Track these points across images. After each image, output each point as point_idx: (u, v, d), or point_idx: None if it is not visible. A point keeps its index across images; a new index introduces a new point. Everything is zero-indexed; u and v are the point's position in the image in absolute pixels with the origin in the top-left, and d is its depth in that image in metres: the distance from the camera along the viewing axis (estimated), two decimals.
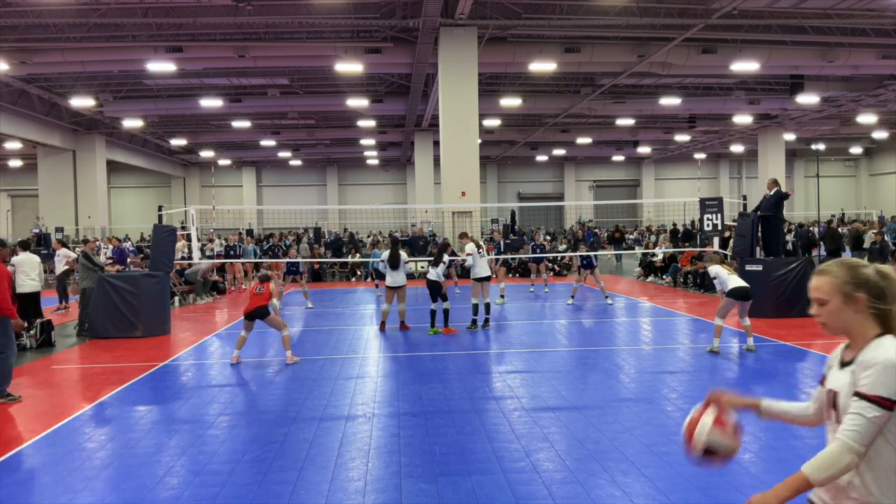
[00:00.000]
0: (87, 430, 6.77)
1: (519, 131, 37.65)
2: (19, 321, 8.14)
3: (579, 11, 19.17)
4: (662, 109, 30.65)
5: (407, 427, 6.56)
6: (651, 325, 13.01)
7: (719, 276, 9.77)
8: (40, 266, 13.56)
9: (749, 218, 13.89)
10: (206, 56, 21.77)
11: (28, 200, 43.67)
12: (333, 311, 15.80)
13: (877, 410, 2.05)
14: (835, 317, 2.27)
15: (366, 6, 19.23)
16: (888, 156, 46.47)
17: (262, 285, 9.87)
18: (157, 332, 12.30)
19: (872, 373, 2.08)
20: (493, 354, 10.36)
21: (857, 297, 2.21)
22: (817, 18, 19.35)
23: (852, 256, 20.75)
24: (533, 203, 44.13)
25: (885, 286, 2.20)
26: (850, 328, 2.25)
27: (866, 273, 2.23)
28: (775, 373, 8.65)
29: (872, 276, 2.22)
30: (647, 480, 5.09)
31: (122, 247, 20.95)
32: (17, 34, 19.87)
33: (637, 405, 7.22)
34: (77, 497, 5.01)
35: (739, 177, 51.08)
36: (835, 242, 19.37)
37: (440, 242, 13.08)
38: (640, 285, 20.55)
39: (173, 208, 29.47)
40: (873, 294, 2.20)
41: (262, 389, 8.29)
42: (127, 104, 29.07)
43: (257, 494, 4.99)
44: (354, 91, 28.26)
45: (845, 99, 29.16)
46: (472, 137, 21.17)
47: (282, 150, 42.46)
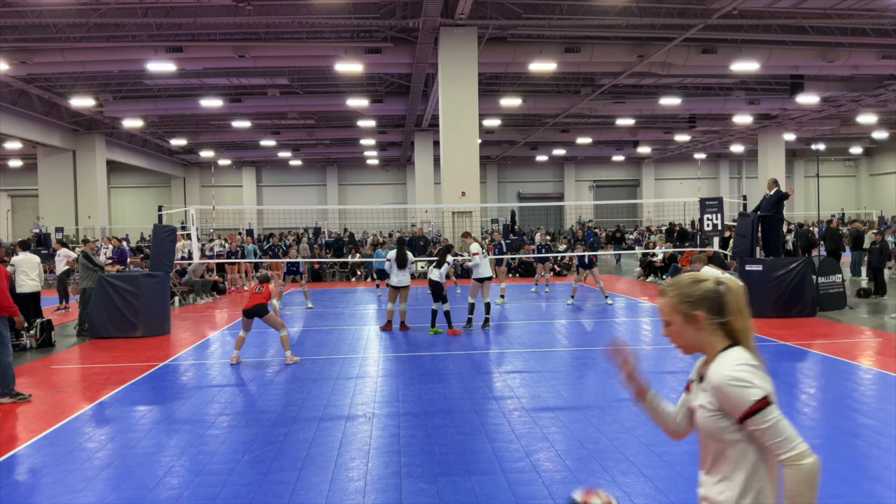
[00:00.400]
0: (87, 430, 6.77)
1: (519, 131, 37.64)
2: (21, 318, 8.15)
3: (579, 11, 19.17)
4: (662, 109, 30.65)
5: (407, 427, 6.56)
6: (651, 325, 13.00)
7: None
8: (40, 266, 13.57)
9: (749, 218, 13.89)
10: (206, 56, 21.76)
11: (28, 200, 43.67)
12: (333, 311, 15.80)
13: (768, 411, 2.03)
14: (680, 336, 2.25)
15: (366, 6, 19.23)
16: (888, 156, 46.47)
17: (262, 285, 9.90)
18: (157, 332, 12.30)
19: (732, 390, 2.06)
20: (493, 354, 10.36)
21: (695, 316, 2.18)
22: (817, 18, 19.35)
23: (852, 256, 20.77)
24: (533, 203, 44.15)
25: (724, 299, 2.17)
26: (698, 345, 2.23)
27: (701, 289, 2.19)
28: (775, 373, 8.62)
29: (709, 292, 2.18)
30: (647, 480, 5.09)
31: (122, 247, 20.93)
32: (17, 34, 19.86)
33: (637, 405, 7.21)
34: (77, 497, 5.01)
35: (739, 177, 51.08)
36: (835, 242, 19.36)
37: (444, 244, 13.11)
38: (640, 285, 20.55)
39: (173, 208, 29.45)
40: (711, 309, 2.17)
41: (261, 389, 8.29)
42: (127, 104, 29.07)
43: (257, 494, 4.99)
44: (354, 91, 28.26)
45: (845, 99, 29.16)
46: (472, 137, 21.17)
47: (282, 150, 42.46)
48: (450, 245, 13.08)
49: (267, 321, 9.69)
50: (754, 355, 2.15)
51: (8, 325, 8.01)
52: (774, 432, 2.03)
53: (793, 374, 8.73)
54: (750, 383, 2.05)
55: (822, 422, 6.59)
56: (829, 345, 10.25)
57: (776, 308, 12.80)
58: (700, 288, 2.19)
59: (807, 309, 12.94)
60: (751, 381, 2.06)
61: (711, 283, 2.20)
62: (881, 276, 16.23)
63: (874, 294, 15.93)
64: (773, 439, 2.03)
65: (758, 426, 2.04)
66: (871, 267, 16.79)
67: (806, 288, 12.99)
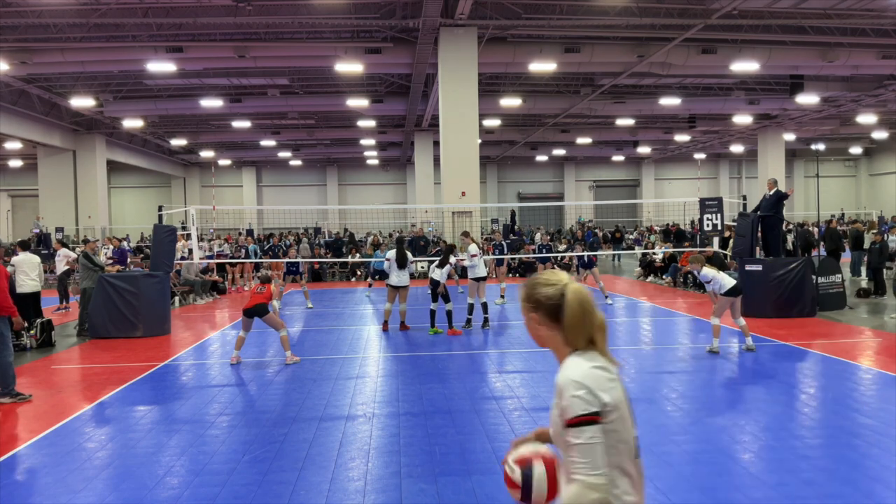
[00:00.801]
0: (87, 430, 6.77)
1: (519, 131, 37.64)
2: (20, 319, 8.16)
3: (579, 11, 19.17)
4: (662, 109, 30.65)
5: (407, 427, 6.56)
6: (651, 325, 13.01)
7: (715, 278, 9.66)
8: (40, 266, 13.57)
9: (749, 218, 13.89)
10: (206, 56, 21.76)
11: (28, 200, 43.66)
12: (333, 311, 15.80)
13: (587, 430, 1.97)
14: (531, 331, 2.22)
15: (366, 6, 19.23)
16: (888, 156, 46.46)
17: (264, 286, 9.93)
18: (157, 332, 12.31)
19: (565, 398, 2.01)
20: (493, 354, 10.36)
21: (533, 318, 2.17)
22: (817, 18, 19.35)
23: (852, 256, 20.78)
24: (533, 203, 44.15)
25: (562, 307, 2.11)
26: (551, 345, 2.19)
27: (541, 294, 2.14)
28: (775, 373, 8.65)
29: (546, 298, 2.13)
30: (647, 480, 5.08)
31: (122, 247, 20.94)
32: (17, 34, 19.86)
33: (637, 405, 7.18)
34: (77, 497, 5.01)
35: (739, 177, 51.07)
36: (835, 242, 19.37)
37: (447, 245, 13.13)
38: (640, 285, 20.55)
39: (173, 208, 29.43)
40: (549, 315, 2.13)
41: (262, 389, 8.29)
42: (127, 104, 29.07)
43: (257, 494, 4.99)
44: (354, 91, 28.26)
45: (845, 99, 29.15)
46: (472, 137, 21.17)
47: (282, 150, 42.46)
48: (452, 245, 13.09)
49: (267, 321, 9.69)
50: (608, 363, 2.09)
51: (8, 325, 8.01)
52: (583, 452, 1.97)
53: (793, 374, 8.74)
54: (583, 395, 1.99)
55: (822, 422, 6.59)
56: (829, 345, 10.26)
57: (776, 308, 12.81)
58: (540, 292, 2.15)
59: (807, 309, 12.94)
60: (586, 392, 2.00)
61: (554, 289, 2.14)
62: (881, 276, 16.24)
63: (874, 294, 15.93)
64: (579, 458, 1.97)
65: (572, 438, 1.98)
66: (870, 267, 16.79)
67: (806, 288, 13.00)
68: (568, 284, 2.14)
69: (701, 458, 5.54)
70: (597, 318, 2.14)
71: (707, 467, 5.35)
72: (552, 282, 2.17)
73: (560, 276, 2.19)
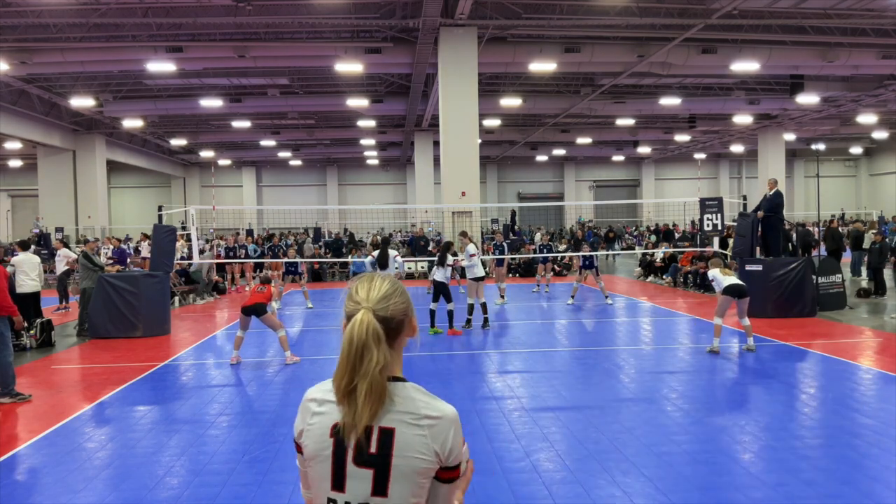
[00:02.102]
0: (87, 430, 6.77)
1: (519, 131, 37.64)
2: (20, 319, 8.16)
3: (579, 11, 19.16)
4: (662, 109, 30.64)
5: None
6: (651, 325, 13.01)
7: (715, 278, 9.91)
8: (40, 266, 13.56)
9: (749, 218, 13.89)
10: (206, 56, 21.75)
11: (28, 200, 43.66)
12: (333, 311, 15.79)
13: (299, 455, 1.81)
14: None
15: (366, 6, 19.23)
16: (888, 156, 46.46)
17: (264, 286, 9.94)
18: (157, 332, 12.31)
19: None
20: (494, 354, 10.36)
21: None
22: (817, 18, 19.35)
23: (852, 256, 20.78)
24: (533, 203, 44.14)
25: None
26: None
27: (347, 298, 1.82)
28: (775, 373, 8.65)
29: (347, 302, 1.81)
30: (647, 480, 5.09)
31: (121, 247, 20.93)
32: (17, 34, 19.86)
33: (637, 405, 7.22)
34: (77, 497, 5.01)
35: (739, 177, 51.07)
36: (835, 243, 19.37)
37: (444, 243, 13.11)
38: (640, 285, 20.55)
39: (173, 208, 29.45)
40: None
41: (262, 389, 8.29)
42: (127, 104, 29.06)
43: (257, 494, 4.99)
44: (354, 91, 28.25)
45: (845, 99, 29.15)
46: (472, 137, 21.17)
47: (282, 150, 42.45)
48: (449, 243, 13.07)
49: (264, 321, 9.69)
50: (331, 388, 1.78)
51: (8, 325, 8.01)
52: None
53: (793, 374, 8.73)
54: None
55: (822, 422, 6.59)
56: (829, 345, 10.25)
57: (776, 308, 12.81)
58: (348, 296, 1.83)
59: (807, 309, 12.94)
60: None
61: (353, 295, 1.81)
62: (881, 276, 16.23)
63: (874, 294, 15.93)
64: None
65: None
66: (870, 267, 16.79)
67: (806, 288, 12.99)
68: (357, 317, 1.76)
69: (701, 458, 5.54)
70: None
71: (707, 467, 5.35)
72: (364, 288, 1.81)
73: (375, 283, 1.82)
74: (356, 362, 1.71)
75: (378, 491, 1.66)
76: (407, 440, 1.67)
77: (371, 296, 1.77)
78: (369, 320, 1.73)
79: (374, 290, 1.78)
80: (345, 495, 1.69)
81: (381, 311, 1.75)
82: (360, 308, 1.75)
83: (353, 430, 1.66)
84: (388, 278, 1.83)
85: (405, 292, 1.84)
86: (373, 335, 1.71)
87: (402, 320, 1.80)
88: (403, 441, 1.67)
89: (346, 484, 1.68)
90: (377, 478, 1.66)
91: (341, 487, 1.69)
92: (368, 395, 1.67)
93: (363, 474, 1.67)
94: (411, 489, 1.67)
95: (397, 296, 1.79)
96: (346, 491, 1.68)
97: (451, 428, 1.73)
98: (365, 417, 1.66)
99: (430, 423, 1.71)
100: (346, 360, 1.72)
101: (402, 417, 1.69)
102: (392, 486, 1.66)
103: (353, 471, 1.67)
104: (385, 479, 1.66)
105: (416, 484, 1.68)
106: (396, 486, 1.66)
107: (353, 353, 1.71)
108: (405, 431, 1.68)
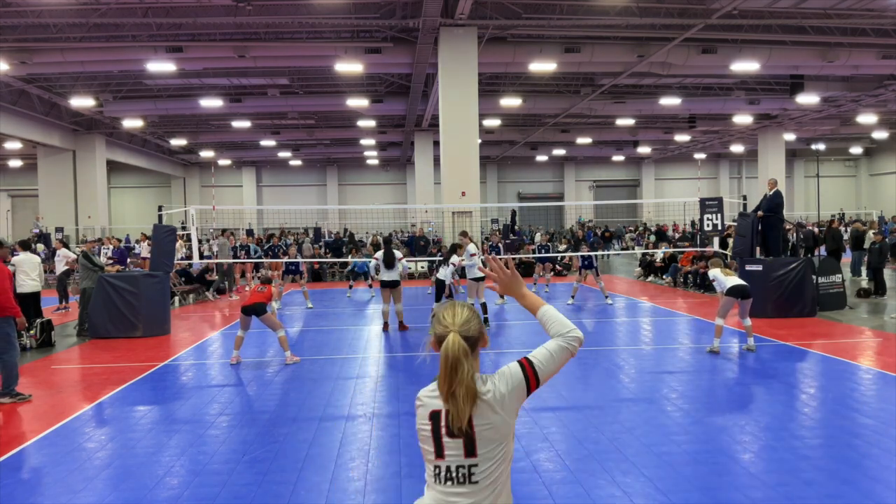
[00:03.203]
0: (87, 430, 6.77)
1: (519, 131, 37.65)
2: (23, 319, 8.17)
3: (579, 11, 19.17)
4: (662, 109, 30.65)
5: (407, 427, 6.56)
6: (651, 325, 13.01)
7: (717, 278, 9.90)
8: (40, 266, 13.56)
9: (749, 218, 13.88)
10: (206, 56, 21.76)
11: (28, 200, 43.67)
12: (333, 311, 15.79)
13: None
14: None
15: (366, 6, 19.23)
16: (888, 156, 46.47)
17: (264, 286, 9.94)
18: (157, 332, 12.30)
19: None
20: (493, 354, 10.35)
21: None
22: (817, 18, 19.35)
23: (852, 256, 20.78)
24: (533, 203, 44.15)
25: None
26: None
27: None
28: (775, 373, 8.65)
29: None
30: (647, 480, 5.09)
31: (121, 247, 20.95)
32: (17, 34, 19.86)
33: (637, 405, 7.22)
34: (77, 497, 5.01)
35: (739, 177, 51.08)
36: (836, 243, 19.38)
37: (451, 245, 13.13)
38: (640, 285, 20.55)
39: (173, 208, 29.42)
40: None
41: (261, 389, 8.29)
42: (127, 104, 29.07)
43: (257, 494, 4.99)
44: (354, 91, 28.26)
45: (845, 99, 29.16)
46: (472, 137, 21.17)
47: (282, 150, 42.46)
48: (456, 245, 13.07)
49: (264, 321, 9.69)
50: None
51: (13, 325, 8.02)
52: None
53: (793, 374, 8.73)
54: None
55: (822, 422, 6.59)
56: (829, 345, 10.26)
57: (776, 308, 12.81)
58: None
59: (807, 309, 12.94)
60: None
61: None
62: (881, 276, 16.23)
63: (874, 294, 15.93)
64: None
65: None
66: (871, 267, 16.79)
67: (806, 288, 12.99)
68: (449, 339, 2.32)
69: (701, 458, 5.54)
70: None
71: (707, 467, 5.35)
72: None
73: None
74: (453, 373, 2.25)
75: (469, 454, 2.26)
76: (482, 412, 2.28)
77: (456, 321, 2.34)
78: (458, 340, 2.29)
79: (458, 316, 2.35)
80: (445, 461, 2.28)
81: (465, 332, 2.32)
82: (449, 331, 2.31)
83: (459, 421, 2.23)
84: (466, 306, 2.42)
85: (477, 314, 2.43)
86: (462, 351, 2.28)
87: (478, 337, 2.37)
88: (481, 415, 2.27)
89: (444, 452, 2.28)
90: (467, 445, 2.26)
91: (441, 455, 2.28)
92: (465, 397, 2.24)
93: (456, 444, 2.26)
94: (493, 447, 2.30)
95: (474, 319, 2.38)
96: (445, 458, 2.28)
97: (498, 376, 2.38)
98: (465, 412, 2.23)
99: (494, 394, 2.31)
100: (445, 372, 2.27)
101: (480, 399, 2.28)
102: (479, 449, 2.27)
103: (449, 442, 2.26)
104: (473, 445, 2.26)
105: (496, 442, 2.31)
106: (482, 448, 2.27)
107: (450, 366, 2.26)
108: (483, 409, 2.28)
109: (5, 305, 7.79)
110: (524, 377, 2.38)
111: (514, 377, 2.37)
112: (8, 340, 7.91)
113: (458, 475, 2.28)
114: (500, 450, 2.31)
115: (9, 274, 8.17)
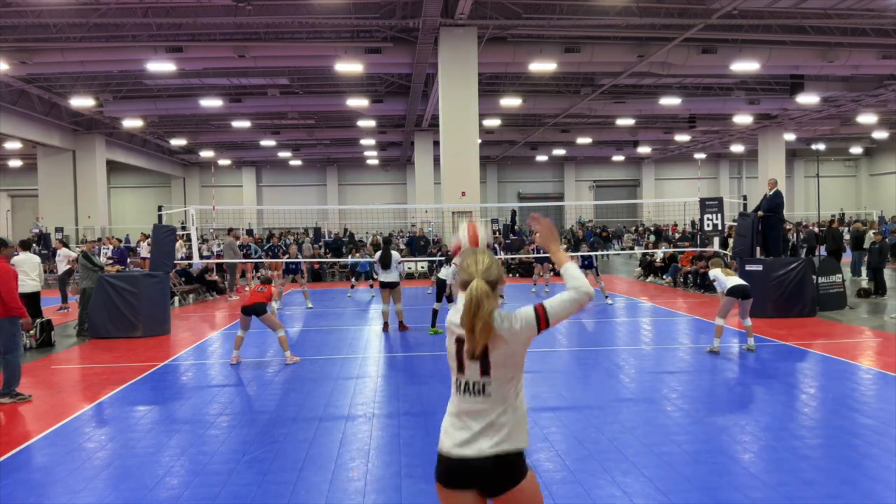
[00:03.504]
0: (87, 430, 6.77)
1: (519, 131, 37.65)
2: (28, 320, 8.18)
3: (579, 11, 19.17)
4: (662, 109, 30.65)
5: (407, 427, 6.56)
6: (651, 325, 13.01)
7: (717, 278, 9.89)
8: (40, 266, 13.56)
9: (749, 218, 13.88)
10: (206, 56, 21.76)
11: (28, 200, 43.68)
12: (333, 311, 15.79)
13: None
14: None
15: (366, 6, 19.23)
16: (888, 156, 46.47)
17: (264, 286, 9.93)
18: (157, 332, 12.30)
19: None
20: None
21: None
22: (817, 18, 19.35)
23: (852, 256, 20.78)
24: (533, 203, 44.11)
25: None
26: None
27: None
28: (775, 373, 8.65)
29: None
30: (647, 480, 5.09)
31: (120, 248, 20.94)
32: (17, 34, 19.86)
33: (637, 405, 7.22)
34: (77, 497, 5.01)
35: (739, 177, 51.08)
36: (836, 243, 19.38)
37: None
38: (640, 285, 20.55)
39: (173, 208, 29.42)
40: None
41: (261, 389, 8.29)
42: (127, 104, 29.07)
43: (257, 494, 4.99)
44: (354, 91, 28.25)
45: (845, 99, 29.16)
46: (472, 137, 21.17)
47: (282, 150, 42.46)
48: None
49: (264, 321, 9.69)
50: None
51: (19, 325, 8.03)
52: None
53: (793, 374, 8.73)
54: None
55: (822, 422, 6.59)
56: (829, 345, 10.26)
57: (776, 308, 12.80)
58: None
59: (807, 309, 12.94)
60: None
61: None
62: (881, 276, 16.23)
63: (874, 294, 15.93)
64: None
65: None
66: (871, 267, 16.79)
67: (806, 288, 12.99)
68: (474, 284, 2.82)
69: (701, 458, 5.54)
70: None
71: (707, 467, 5.35)
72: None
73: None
74: (476, 310, 2.72)
75: (484, 374, 2.80)
76: (496, 343, 2.78)
77: (479, 268, 2.83)
78: (481, 285, 2.77)
79: (481, 264, 2.84)
80: (465, 376, 2.85)
81: (486, 276, 2.81)
82: (473, 277, 2.80)
83: (475, 349, 2.74)
84: (486, 253, 2.92)
85: (497, 261, 2.91)
86: (484, 294, 2.75)
87: (497, 280, 2.85)
88: (495, 345, 2.78)
89: (465, 370, 2.84)
90: (483, 366, 2.79)
91: (462, 371, 2.85)
92: (482, 331, 2.73)
93: (474, 364, 2.80)
94: (503, 371, 2.82)
95: (494, 265, 2.86)
96: (465, 374, 2.85)
97: (514, 316, 2.83)
98: (481, 344, 2.75)
99: (508, 330, 2.80)
100: (468, 309, 2.74)
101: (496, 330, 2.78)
102: (492, 371, 2.80)
103: (469, 362, 2.81)
104: (487, 367, 2.79)
105: (506, 367, 2.81)
106: (494, 370, 2.80)
107: (473, 305, 2.73)
108: (497, 341, 2.78)
109: (11, 305, 7.80)
110: (535, 318, 2.80)
111: (527, 318, 2.80)
112: (13, 340, 7.93)
113: (474, 388, 2.82)
114: (509, 373, 2.81)
115: (14, 274, 8.18)
